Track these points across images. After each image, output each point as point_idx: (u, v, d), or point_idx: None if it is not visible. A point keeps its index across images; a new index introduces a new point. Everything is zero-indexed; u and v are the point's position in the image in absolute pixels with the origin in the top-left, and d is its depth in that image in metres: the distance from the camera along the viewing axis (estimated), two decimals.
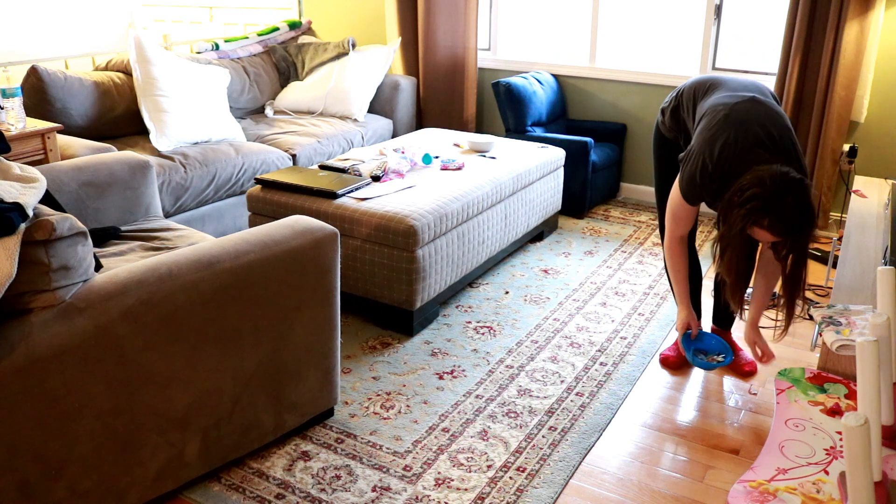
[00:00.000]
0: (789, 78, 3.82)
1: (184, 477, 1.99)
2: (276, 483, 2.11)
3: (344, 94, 4.48)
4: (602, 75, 4.55)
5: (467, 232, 3.11)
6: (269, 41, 4.85)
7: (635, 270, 3.59)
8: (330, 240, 2.13)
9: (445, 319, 3.09)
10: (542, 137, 4.21)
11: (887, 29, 3.70)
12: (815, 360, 2.79)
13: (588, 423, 2.41)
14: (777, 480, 1.50)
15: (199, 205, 3.51)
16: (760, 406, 2.52)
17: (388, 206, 2.87)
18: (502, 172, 3.38)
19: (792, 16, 3.77)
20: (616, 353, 2.84)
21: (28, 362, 1.60)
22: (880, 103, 3.82)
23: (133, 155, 2.86)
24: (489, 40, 4.94)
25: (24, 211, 1.62)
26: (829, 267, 3.29)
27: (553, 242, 3.95)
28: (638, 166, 4.61)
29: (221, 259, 1.90)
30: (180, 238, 2.60)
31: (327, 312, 2.20)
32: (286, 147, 3.93)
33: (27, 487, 1.67)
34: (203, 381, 1.93)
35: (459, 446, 2.28)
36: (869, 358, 1.38)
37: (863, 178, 3.14)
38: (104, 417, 1.76)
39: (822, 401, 1.77)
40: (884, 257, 2.23)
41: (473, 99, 4.81)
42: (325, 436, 2.32)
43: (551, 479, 2.15)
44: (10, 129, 2.90)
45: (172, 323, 1.82)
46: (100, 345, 1.70)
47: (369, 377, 2.65)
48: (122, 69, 3.89)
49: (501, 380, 2.65)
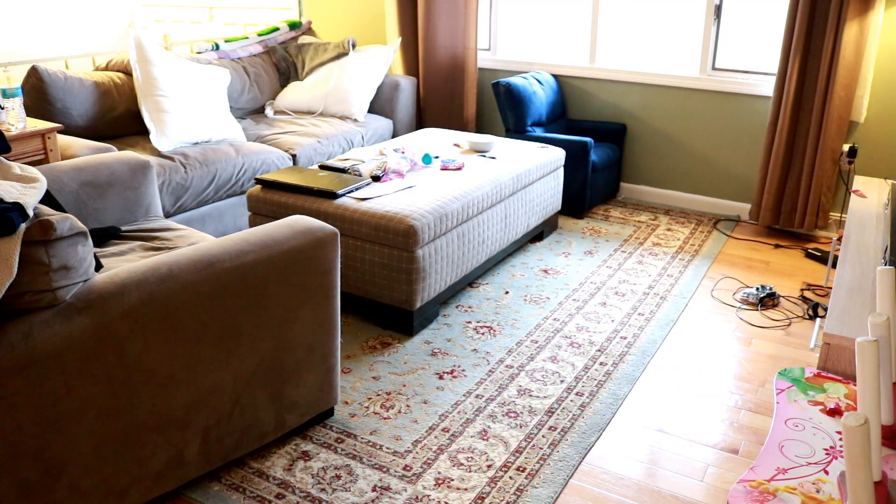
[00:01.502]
0: (789, 78, 3.82)
1: (184, 476, 2.00)
2: (276, 483, 2.11)
3: (344, 94, 4.48)
4: (602, 75, 4.56)
5: (467, 232, 3.11)
6: (269, 41, 4.86)
7: (635, 270, 3.59)
8: (330, 240, 2.13)
9: (445, 319, 3.09)
10: (542, 137, 4.21)
11: (887, 29, 3.70)
12: (815, 360, 2.80)
13: (588, 423, 2.41)
14: (777, 480, 1.50)
15: (200, 205, 3.51)
16: (760, 406, 2.52)
17: (388, 206, 2.87)
18: (502, 172, 3.38)
19: (792, 16, 3.77)
20: (616, 353, 2.84)
21: (28, 362, 1.60)
22: (880, 103, 3.82)
23: (133, 155, 2.86)
24: (489, 40, 4.94)
25: (25, 211, 1.62)
26: (829, 267, 3.30)
27: (553, 242, 3.95)
28: (638, 166, 4.62)
29: (221, 259, 1.90)
30: (180, 238, 2.60)
31: (327, 312, 2.20)
32: (286, 147, 3.93)
33: (27, 487, 1.67)
34: (203, 381, 1.93)
35: (459, 446, 2.28)
36: (869, 358, 1.38)
37: (863, 178, 3.14)
38: (104, 417, 1.76)
39: (822, 401, 1.77)
40: (884, 257, 2.23)
41: (473, 99, 4.81)
42: (325, 436, 2.32)
43: (551, 478, 2.15)
44: (10, 129, 2.90)
45: (172, 323, 1.82)
46: (100, 345, 1.70)
47: (369, 377, 2.65)
48: (122, 69, 3.90)
49: (501, 380, 2.65)
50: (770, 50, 4.18)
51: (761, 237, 4.07)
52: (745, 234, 4.11)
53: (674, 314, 3.15)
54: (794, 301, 3.30)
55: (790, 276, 3.56)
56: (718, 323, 3.10)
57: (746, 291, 3.32)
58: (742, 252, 3.86)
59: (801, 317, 3.16)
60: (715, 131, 4.31)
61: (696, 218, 4.34)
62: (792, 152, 3.97)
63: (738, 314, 3.18)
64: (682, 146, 4.43)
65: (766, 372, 2.73)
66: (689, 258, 3.74)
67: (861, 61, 3.69)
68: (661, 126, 4.46)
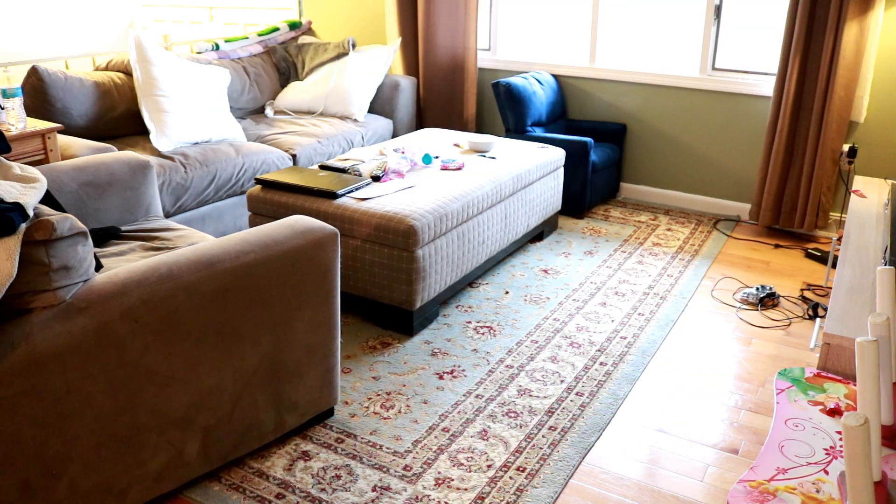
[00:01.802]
0: (789, 78, 3.82)
1: (184, 477, 2.00)
2: (276, 483, 2.11)
3: (344, 94, 4.48)
4: (602, 75, 4.56)
5: (467, 232, 3.11)
6: (269, 41, 4.85)
7: (635, 270, 3.59)
8: (330, 240, 2.13)
9: (445, 319, 3.09)
10: (542, 137, 4.21)
11: (887, 29, 3.70)
12: (815, 360, 2.80)
13: (588, 423, 2.41)
14: (777, 480, 1.50)
15: (200, 205, 3.51)
16: (760, 406, 2.52)
17: (388, 206, 2.87)
18: (502, 172, 3.38)
19: (792, 16, 3.77)
20: (616, 353, 2.84)
21: (28, 362, 1.60)
22: (880, 103, 3.82)
23: (133, 155, 2.86)
24: (489, 40, 4.94)
25: (25, 211, 1.62)
26: (829, 267, 3.30)
27: (553, 242, 3.95)
28: (638, 166, 4.62)
29: (221, 259, 1.90)
30: (180, 238, 2.60)
31: (327, 312, 2.20)
32: (286, 147, 3.93)
33: (27, 487, 1.67)
34: (203, 381, 1.93)
35: (459, 446, 2.28)
36: (869, 358, 1.38)
37: (863, 177, 3.14)
38: (104, 417, 1.76)
39: (822, 401, 1.77)
40: (884, 257, 2.23)
41: (473, 99, 4.81)
42: (325, 436, 2.32)
43: (551, 478, 2.15)
44: (10, 130, 2.90)
45: (172, 323, 1.82)
46: (100, 345, 1.70)
47: (369, 377, 2.65)
48: (122, 69, 3.89)
49: (501, 380, 2.65)
50: (770, 50, 4.18)
51: (761, 237, 4.07)
52: (745, 234, 4.11)
53: (674, 314, 3.15)
54: (794, 301, 3.30)
55: (790, 276, 3.56)
56: (718, 323, 3.10)
57: (746, 291, 3.32)
58: (742, 252, 3.86)
59: (801, 317, 3.16)
60: (715, 131, 4.31)
61: (696, 218, 4.34)
62: (792, 152, 3.97)
63: (738, 314, 3.18)
64: (682, 146, 4.43)
65: (766, 372, 2.73)
66: (689, 258, 3.74)
67: (861, 61, 3.69)
68: (661, 126, 4.46)
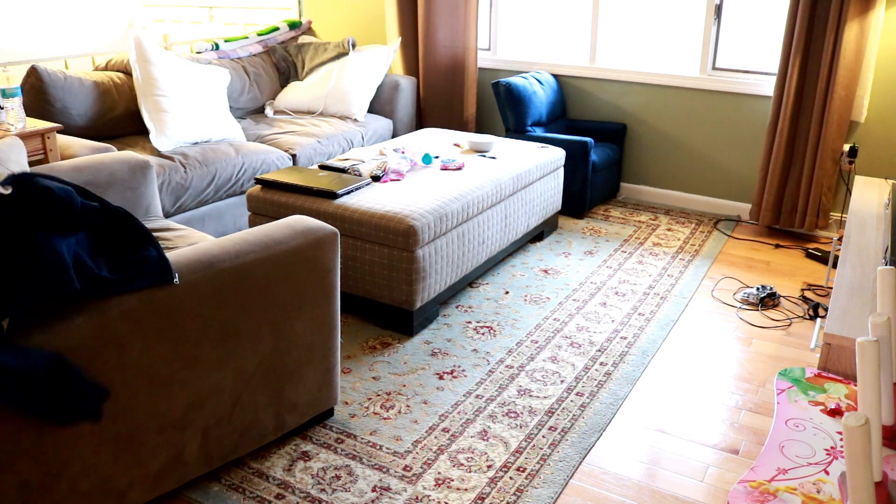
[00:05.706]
0: (789, 78, 3.82)
1: (184, 477, 1.99)
2: (276, 483, 2.11)
3: (344, 94, 4.48)
4: (602, 75, 4.55)
5: (467, 232, 3.11)
6: (269, 41, 4.85)
7: (635, 270, 3.59)
8: (330, 240, 2.13)
9: (445, 319, 3.08)
10: (542, 137, 4.21)
11: (887, 29, 3.70)
12: (815, 360, 2.79)
13: (588, 423, 2.41)
14: (777, 480, 1.50)
15: (199, 205, 3.51)
16: (760, 406, 2.52)
17: (388, 206, 2.87)
18: (502, 172, 3.38)
19: (792, 16, 3.77)
20: (616, 353, 2.84)
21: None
22: (880, 103, 3.82)
23: (133, 155, 2.86)
24: (489, 40, 4.94)
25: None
26: (829, 267, 3.29)
27: (553, 242, 3.95)
28: (638, 166, 4.62)
29: (221, 259, 1.90)
30: (180, 238, 2.60)
31: (327, 312, 2.20)
32: (286, 147, 3.92)
33: (27, 487, 1.67)
34: (203, 381, 1.93)
35: (459, 446, 2.28)
36: (869, 358, 1.38)
37: (863, 177, 3.14)
38: (104, 418, 1.75)
39: (823, 401, 1.77)
40: (884, 257, 2.23)
41: (473, 99, 4.81)
42: (325, 436, 2.32)
43: (551, 479, 2.15)
44: (9, 129, 2.90)
45: (172, 323, 1.82)
46: (100, 345, 1.70)
47: (369, 377, 2.65)
48: (122, 69, 3.89)
49: (501, 380, 2.65)
50: (770, 50, 4.18)
51: (762, 237, 4.07)
52: (746, 234, 4.11)
53: (674, 314, 3.15)
54: (795, 301, 3.30)
55: (790, 276, 3.56)
56: (719, 323, 3.10)
57: (747, 291, 3.32)
58: (742, 252, 3.86)
59: (801, 317, 3.16)
60: (715, 131, 4.31)
61: (697, 218, 4.34)
62: (792, 152, 3.97)
63: (739, 314, 3.18)
64: (682, 146, 4.43)
65: (766, 372, 2.73)
66: (689, 258, 3.74)
67: (861, 61, 3.69)
68: (662, 126, 4.46)
